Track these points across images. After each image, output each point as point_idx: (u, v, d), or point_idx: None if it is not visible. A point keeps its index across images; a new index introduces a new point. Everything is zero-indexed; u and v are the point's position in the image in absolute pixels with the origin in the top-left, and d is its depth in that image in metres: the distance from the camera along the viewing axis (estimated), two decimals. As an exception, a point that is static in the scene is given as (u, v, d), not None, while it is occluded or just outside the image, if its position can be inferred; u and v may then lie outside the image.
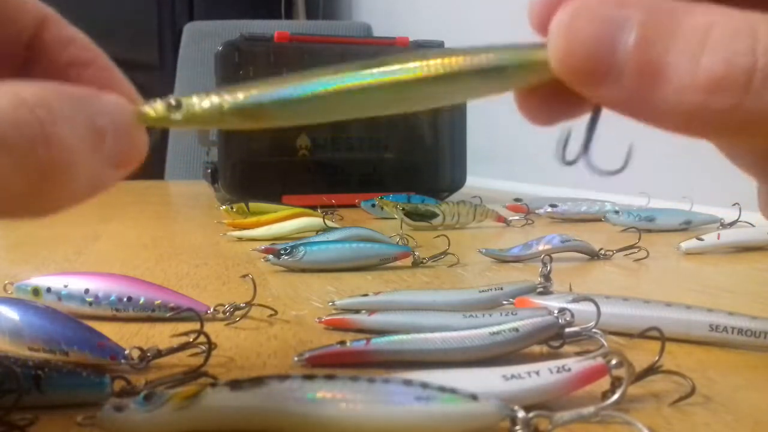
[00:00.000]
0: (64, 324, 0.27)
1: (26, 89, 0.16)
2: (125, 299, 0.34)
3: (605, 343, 0.28)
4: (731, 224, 0.66)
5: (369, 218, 0.76)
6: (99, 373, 0.24)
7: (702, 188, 0.82)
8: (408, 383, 0.20)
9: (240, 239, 0.61)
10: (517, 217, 0.72)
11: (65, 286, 0.35)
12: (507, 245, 0.52)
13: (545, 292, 0.35)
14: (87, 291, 0.34)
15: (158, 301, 0.34)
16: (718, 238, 0.54)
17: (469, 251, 0.54)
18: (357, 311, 0.33)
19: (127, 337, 0.32)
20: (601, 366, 0.23)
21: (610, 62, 0.16)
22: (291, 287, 0.42)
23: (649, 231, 0.64)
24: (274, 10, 2.26)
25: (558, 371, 0.22)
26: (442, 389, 0.20)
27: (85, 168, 0.17)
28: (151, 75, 2.20)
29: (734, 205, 0.66)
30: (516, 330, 0.27)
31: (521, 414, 0.20)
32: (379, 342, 0.27)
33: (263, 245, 0.52)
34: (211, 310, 0.35)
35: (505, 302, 0.35)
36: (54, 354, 0.27)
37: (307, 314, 0.36)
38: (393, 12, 1.96)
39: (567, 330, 0.28)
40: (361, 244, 0.48)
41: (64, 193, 0.17)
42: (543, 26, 0.18)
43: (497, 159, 1.35)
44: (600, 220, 0.69)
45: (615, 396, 0.22)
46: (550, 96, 0.19)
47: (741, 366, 0.28)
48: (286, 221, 0.63)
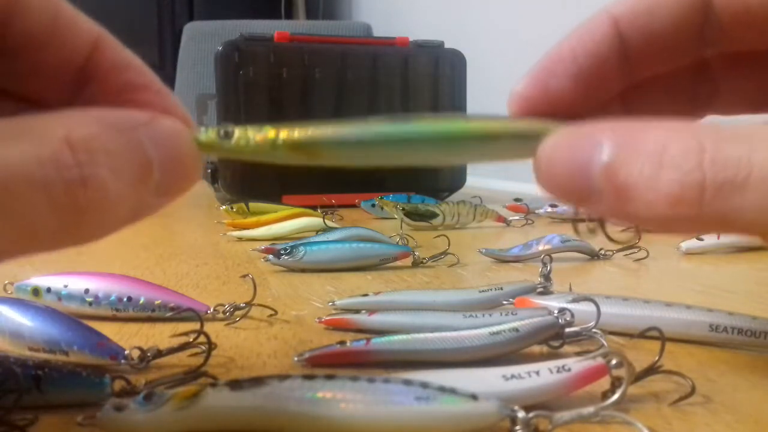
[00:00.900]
0: (64, 324, 0.27)
1: (76, 126, 0.16)
2: (125, 299, 0.34)
3: (605, 343, 0.28)
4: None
5: (369, 218, 0.76)
6: (99, 373, 0.24)
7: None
8: (408, 383, 0.20)
9: (240, 239, 0.61)
10: (517, 217, 0.72)
11: (65, 286, 0.35)
12: (507, 245, 0.52)
13: (545, 292, 0.35)
14: (87, 291, 0.34)
15: (158, 301, 0.34)
16: (718, 238, 0.54)
17: (469, 251, 0.54)
18: (357, 311, 0.33)
19: (127, 337, 0.32)
20: (601, 366, 0.23)
21: (588, 188, 0.18)
22: (291, 287, 0.42)
23: (649, 231, 0.64)
24: (274, 10, 2.26)
25: (558, 371, 0.22)
26: (442, 389, 0.20)
27: (127, 201, 0.17)
28: (151, 75, 2.20)
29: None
30: (516, 330, 0.27)
31: (521, 414, 0.20)
32: (379, 342, 0.27)
33: (263, 245, 0.52)
34: (211, 310, 0.35)
35: (505, 302, 0.35)
36: (54, 354, 0.27)
37: (307, 314, 0.36)
38: (393, 12, 1.96)
39: (567, 330, 0.28)
40: (361, 244, 0.48)
41: (102, 226, 0.17)
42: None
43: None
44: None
45: (615, 396, 0.22)
46: None
47: (741, 366, 0.28)
48: (286, 221, 0.63)
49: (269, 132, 0.19)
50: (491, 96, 1.33)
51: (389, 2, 2.00)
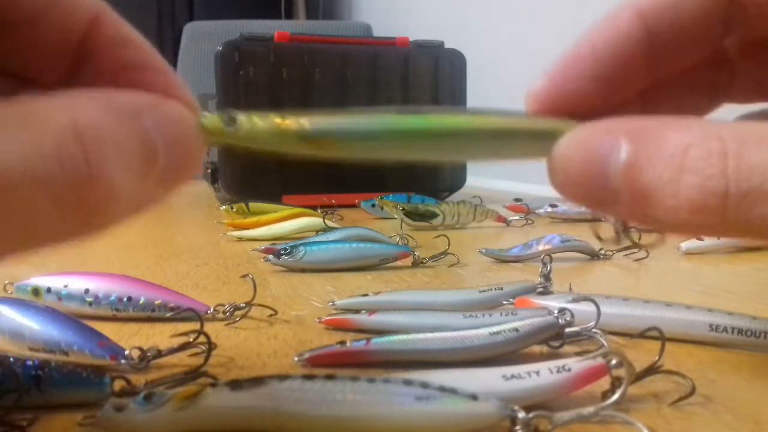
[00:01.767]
0: (64, 324, 0.27)
1: (81, 111, 0.15)
2: (125, 299, 0.34)
3: (605, 343, 0.28)
4: (731, 224, 0.66)
5: (369, 218, 0.76)
6: (99, 373, 0.24)
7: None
8: (408, 383, 0.20)
9: (240, 239, 0.61)
10: (517, 217, 0.72)
11: (65, 286, 0.35)
12: (507, 245, 0.52)
13: (545, 292, 0.35)
14: (87, 291, 0.34)
15: (158, 301, 0.34)
16: (718, 238, 0.54)
17: (469, 251, 0.54)
18: (357, 311, 0.33)
19: (127, 337, 0.32)
20: (601, 366, 0.23)
21: (606, 189, 0.17)
22: (291, 287, 0.42)
23: (650, 231, 0.64)
24: (274, 10, 2.26)
25: (558, 371, 0.22)
26: (442, 389, 0.20)
27: (132, 194, 0.16)
28: (151, 75, 2.20)
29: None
30: (516, 330, 0.27)
31: (521, 414, 0.20)
32: (379, 342, 0.27)
33: (263, 245, 0.52)
34: (211, 310, 0.35)
35: (505, 302, 0.35)
36: (54, 354, 0.27)
37: (307, 314, 0.36)
38: (393, 12, 1.96)
39: (567, 330, 0.28)
40: (361, 244, 0.48)
41: (105, 223, 0.16)
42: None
43: (497, 159, 1.35)
44: (600, 220, 0.69)
45: (615, 396, 0.22)
46: None
47: (741, 366, 0.28)
48: (286, 221, 0.63)
49: (275, 119, 0.19)
50: (491, 96, 1.33)
51: (389, 2, 2.00)
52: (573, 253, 0.52)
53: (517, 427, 0.20)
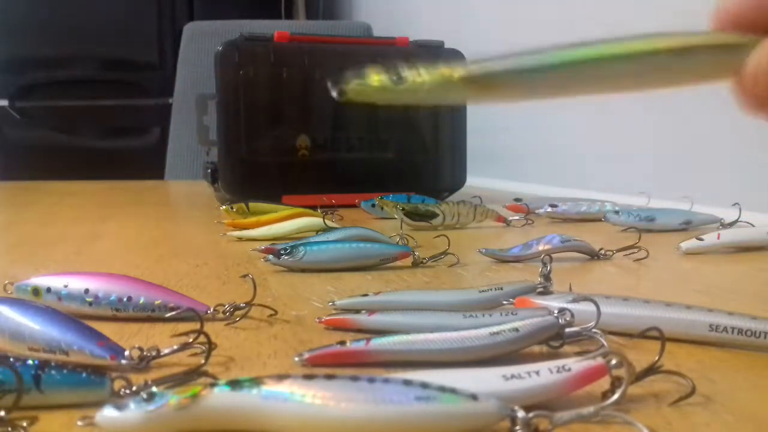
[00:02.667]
0: (64, 324, 0.27)
1: None
2: (125, 299, 0.34)
3: (605, 343, 0.28)
4: (731, 224, 0.66)
5: (369, 218, 0.76)
6: (99, 373, 0.24)
7: (702, 188, 0.82)
8: (408, 383, 0.20)
9: (240, 239, 0.61)
10: (517, 217, 0.72)
11: (65, 286, 0.35)
12: (507, 245, 0.52)
13: (545, 292, 0.35)
14: (87, 291, 0.34)
15: (158, 301, 0.34)
16: (718, 238, 0.54)
17: (469, 251, 0.54)
18: (357, 311, 0.33)
19: (127, 337, 0.32)
20: (601, 366, 0.23)
21: None
22: (291, 287, 0.42)
23: (649, 231, 0.64)
24: (274, 10, 2.26)
25: (558, 371, 0.22)
26: (442, 389, 0.20)
27: None
28: (151, 75, 2.20)
29: (734, 205, 0.66)
30: (516, 330, 0.27)
31: (521, 414, 0.20)
32: (379, 342, 0.27)
33: (263, 245, 0.52)
34: (211, 310, 0.35)
35: (505, 302, 0.35)
36: (54, 354, 0.27)
37: (307, 314, 0.36)
38: (393, 12, 1.96)
39: (567, 330, 0.28)
40: (361, 244, 0.48)
41: None
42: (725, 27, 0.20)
43: (497, 159, 1.35)
44: (600, 220, 0.69)
45: (615, 396, 0.22)
46: None
47: (741, 366, 0.28)
48: (286, 221, 0.63)
49: (443, 70, 0.19)
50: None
51: (389, 2, 2.00)
52: (573, 253, 0.52)
53: (517, 427, 0.20)
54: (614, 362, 0.23)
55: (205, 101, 0.92)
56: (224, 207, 0.71)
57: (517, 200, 0.78)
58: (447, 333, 0.27)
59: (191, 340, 0.27)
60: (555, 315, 0.28)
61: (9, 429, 0.21)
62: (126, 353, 0.27)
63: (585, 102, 1.13)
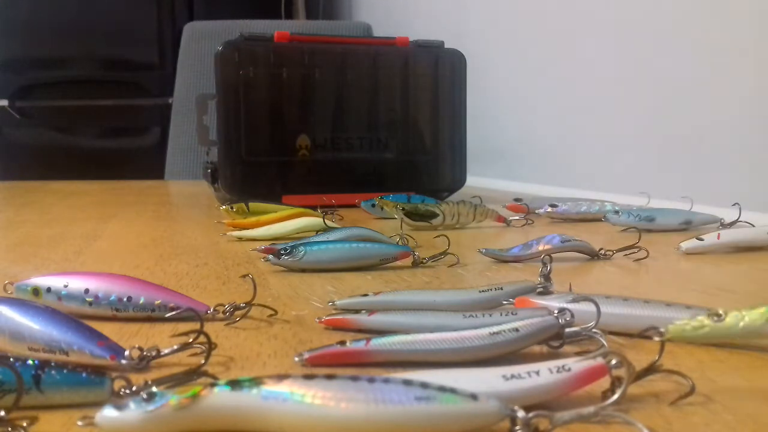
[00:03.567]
0: (64, 324, 0.27)
1: None
2: (125, 299, 0.34)
3: (605, 343, 0.28)
4: (731, 224, 0.66)
5: (369, 218, 0.76)
6: (99, 373, 0.24)
7: (702, 188, 0.82)
8: (408, 383, 0.20)
9: (240, 239, 0.61)
10: (517, 217, 0.72)
11: (65, 286, 0.35)
12: (507, 245, 0.52)
13: (545, 292, 0.35)
14: (87, 291, 0.34)
15: (158, 301, 0.34)
16: (718, 238, 0.54)
17: (469, 251, 0.54)
18: (357, 311, 0.33)
19: (127, 337, 0.32)
20: (601, 366, 0.23)
21: None
22: (291, 287, 0.42)
23: (649, 231, 0.64)
24: (274, 10, 2.26)
25: (558, 371, 0.22)
26: (442, 389, 0.20)
27: None
28: (151, 75, 2.20)
29: (734, 205, 0.66)
30: (516, 330, 0.27)
31: (521, 414, 0.20)
32: (379, 342, 0.27)
33: (263, 245, 0.52)
34: (211, 310, 0.35)
35: (505, 302, 0.35)
36: (54, 354, 0.27)
37: (307, 314, 0.36)
38: (393, 12, 1.97)
39: (567, 330, 0.28)
40: (361, 244, 0.48)
41: None
42: None
43: (497, 159, 1.35)
44: (600, 220, 0.69)
45: (615, 396, 0.22)
46: None
47: (741, 366, 0.28)
48: (286, 221, 0.63)
49: (763, 310, 0.19)
50: (491, 96, 1.33)
51: (389, 2, 2.00)
52: (573, 253, 0.52)
53: (517, 427, 0.20)
54: (614, 362, 0.23)
55: (205, 101, 0.92)
56: (224, 207, 0.71)
57: (517, 200, 0.78)
58: (447, 333, 0.27)
59: (191, 340, 0.27)
60: (555, 315, 0.28)
61: (9, 429, 0.21)
62: (126, 353, 0.27)
63: (585, 102, 1.13)
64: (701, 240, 0.54)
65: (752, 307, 0.19)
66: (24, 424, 0.21)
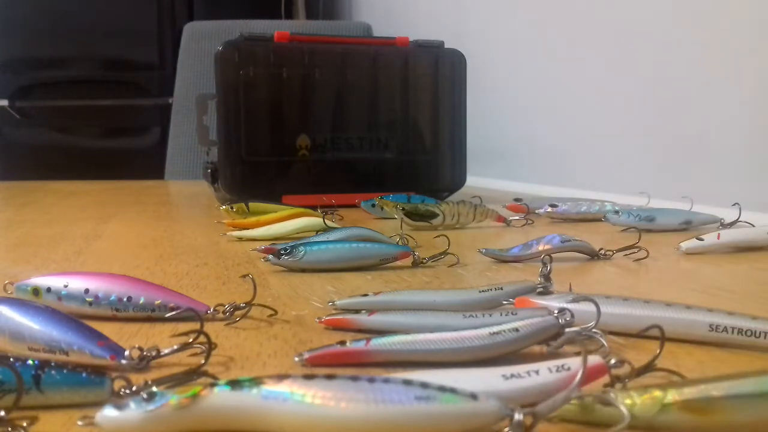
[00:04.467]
0: (64, 324, 0.27)
1: None
2: (125, 299, 0.34)
3: (605, 343, 0.28)
4: (731, 224, 0.66)
5: (369, 218, 0.76)
6: (99, 373, 0.24)
7: (702, 188, 0.82)
8: (408, 383, 0.20)
9: (240, 239, 0.61)
10: (517, 217, 0.72)
11: (65, 286, 0.35)
12: (507, 245, 0.52)
13: (545, 292, 0.35)
14: (87, 291, 0.34)
15: (158, 301, 0.34)
16: (718, 238, 0.54)
17: (469, 251, 0.54)
18: (357, 311, 0.33)
19: (127, 337, 0.32)
20: (601, 365, 0.23)
21: None
22: (291, 287, 0.42)
23: (649, 231, 0.64)
24: (274, 10, 2.26)
25: (557, 370, 0.22)
26: (442, 389, 0.20)
27: None
28: (151, 75, 2.20)
29: (734, 205, 0.66)
30: (516, 330, 0.27)
31: (518, 416, 0.20)
32: (379, 342, 0.27)
33: (263, 245, 0.52)
34: (211, 310, 0.35)
35: (505, 302, 0.35)
36: (54, 354, 0.27)
37: (307, 314, 0.36)
38: (393, 12, 1.97)
39: (567, 330, 0.28)
40: (361, 244, 0.48)
41: None
42: None
43: (497, 159, 1.35)
44: (600, 220, 0.69)
45: (577, 380, 0.22)
46: None
47: (741, 366, 0.28)
48: (286, 221, 0.63)
49: (656, 393, 0.20)
50: (491, 96, 1.33)
51: (389, 2, 2.00)
52: (573, 253, 0.52)
53: (506, 429, 0.20)
54: (613, 361, 0.23)
55: (205, 101, 0.92)
56: (224, 207, 0.71)
57: (517, 200, 0.78)
58: (447, 333, 0.27)
59: (191, 340, 0.27)
60: (555, 315, 0.28)
61: (9, 429, 0.21)
62: (126, 353, 0.27)
63: (585, 102, 1.13)
64: (701, 240, 0.54)
65: (644, 389, 0.19)
66: (24, 424, 0.21)
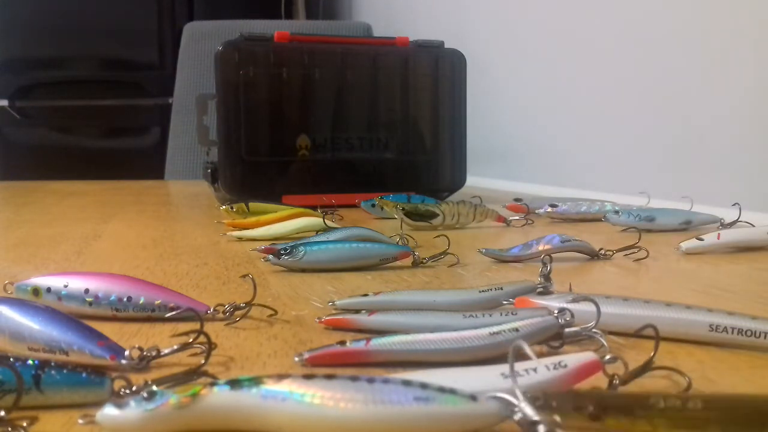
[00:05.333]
0: (64, 324, 0.27)
1: None
2: (125, 299, 0.34)
3: (605, 343, 0.28)
4: (731, 224, 0.66)
5: (369, 218, 0.76)
6: (99, 373, 0.24)
7: (702, 188, 0.82)
8: (408, 383, 0.20)
9: (240, 239, 0.61)
10: (517, 217, 0.72)
11: (65, 286, 0.35)
12: (507, 245, 0.52)
13: (545, 292, 0.35)
14: (87, 291, 0.34)
15: (158, 301, 0.34)
16: (718, 238, 0.54)
17: (469, 251, 0.54)
18: (357, 311, 0.33)
19: (127, 337, 0.32)
20: (595, 361, 0.23)
21: None
22: (291, 287, 0.42)
23: (649, 231, 0.64)
24: (274, 10, 2.26)
25: (555, 368, 0.23)
26: (442, 389, 0.20)
27: None
28: (151, 75, 2.21)
29: (734, 205, 0.66)
30: (516, 330, 0.27)
31: (518, 416, 0.20)
32: (379, 342, 0.27)
33: (263, 245, 0.52)
34: (211, 310, 0.35)
35: (505, 302, 0.35)
36: (54, 354, 0.27)
37: (307, 314, 0.36)
38: (393, 12, 1.97)
39: (567, 330, 0.28)
40: (361, 244, 0.48)
41: None
42: None
43: (497, 159, 1.35)
44: (600, 220, 0.69)
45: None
46: None
47: (741, 366, 0.28)
48: (286, 221, 0.63)
49: None
50: (491, 96, 1.33)
51: (389, 2, 2.00)
52: (573, 253, 0.52)
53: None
54: (608, 357, 0.23)
55: (205, 101, 0.92)
56: (224, 207, 0.71)
57: (517, 200, 0.78)
58: (447, 333, 0.27)
59: (191, 340, 0.27)
60: (555, 315, 0.28)
61: (9, 429, 0.21)
62: (126, 353, 0.27)
63: (585, 102, 1.13)
64: (701, 240, 0.54)
65: None
66: (24, 424, 0.21)
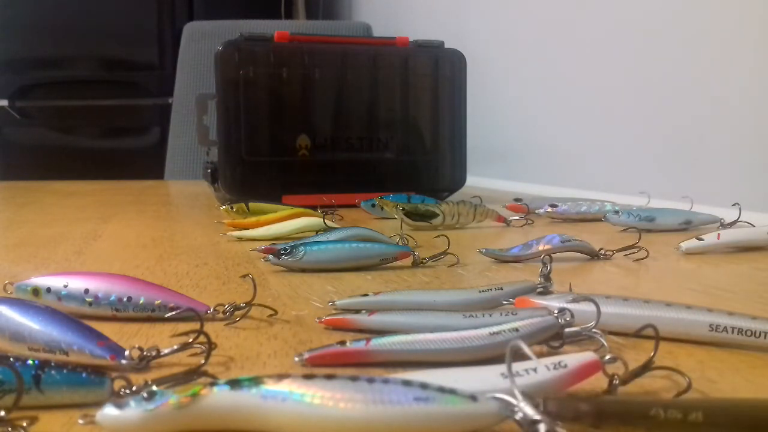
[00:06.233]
0: (64, 324, 0.27)
1: None
2: (125, 299, 0.34)
3: (605, 343, 0.28)
4: (731, 224, 0.66)
5: (369, 218, 0.76)
6: (99, 373, 0.24)
7: (702, 188, 0.82)
8: (408, 383, 0.20)
9: (240, 239, 0.61)
10: (517, 217, 0.72)
11: (65, 286, 0.35)
12: (507, 245, 0.52)
13: (545, 292, 0.35)
14: (87, 291, 0.34)
15: (158, 301, 0.34)
16: (718, 238, 0.54)
17: (469, 251, 0.54)
18: (357, 311, 0.33)
19: (127, 337, 0.32)
20: (595, 361, 0.23)
21: None
22: (291, 287, 0.42)
23: (649, 231, 0.64)
24: (274, 10, 2.26)
25: (555, 368, 0.23)
26: (442, 389, 0.20)
27: None
28: (151, 75, 2.20)
29: (734, 205, 0.66)
30: (516, 330, 0.27)
31: (519, 416, 0.20)
32: (379, 342, 0.27)
33: (263, 245, 0.52)
34: (211, 310, 0.35)
35: (505, 302, 0.35)
36: (54, 354, 0.27)
37: (307, 314, 0.36)
38: (393, 12, 1.97)
39: (567, 330, 0.28)
40: (361, 244, 0.48)
41: None
42: None
43: (497, 159, 1.35)
44: (600, 220, 0.69)
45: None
46: None
47: (741, 366, 0.28)
48: (286, 221, 0.63)
49: None
50: (491, 96, 1.33)
51: (389, 2, 2.00)
52: (573, 253, 0.52)
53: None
54: (607, 357, 0.23)
55: (205, 101, 0.92)
56: (224, 207, 0.71)
57: (517, 200, 0.78)
58: (447, 333, 0.27)
59: (191, 340, 0.27)
60: (555, 315, 0.28)
61: (9, 429, 0.21)
62: (126, 353, 0.27)
63: (585, 102, 1.13)
64: (701, 240, 0.54)
65: None
66: (24, 424, 0.21)
